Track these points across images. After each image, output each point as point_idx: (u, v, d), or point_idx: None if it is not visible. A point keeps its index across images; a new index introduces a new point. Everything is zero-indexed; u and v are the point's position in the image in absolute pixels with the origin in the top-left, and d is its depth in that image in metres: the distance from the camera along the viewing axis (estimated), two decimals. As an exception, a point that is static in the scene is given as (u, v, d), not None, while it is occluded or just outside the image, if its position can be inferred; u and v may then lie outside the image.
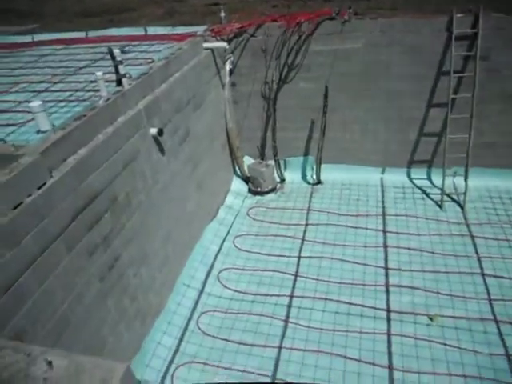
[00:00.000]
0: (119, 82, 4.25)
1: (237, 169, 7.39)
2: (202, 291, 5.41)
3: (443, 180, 6.37)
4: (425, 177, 6.96)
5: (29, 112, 3.95)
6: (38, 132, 3.71)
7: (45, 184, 3.11)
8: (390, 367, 4.27)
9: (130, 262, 4.26)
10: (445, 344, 4.41)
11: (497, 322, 4.61)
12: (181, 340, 4.79)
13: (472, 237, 5.83)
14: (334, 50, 6.32)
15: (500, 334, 4.46)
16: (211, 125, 6.30)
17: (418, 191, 6.82)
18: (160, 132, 4.53)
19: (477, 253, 5.56)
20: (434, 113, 6.44)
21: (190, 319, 5.04)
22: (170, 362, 4.55)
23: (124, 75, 4.27)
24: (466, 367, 4.18)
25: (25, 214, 2.90)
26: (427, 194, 6.71)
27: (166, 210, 5.00)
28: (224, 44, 6.26)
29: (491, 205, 6.36)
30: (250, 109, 7.08)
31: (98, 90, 4.28)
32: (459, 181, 6.51)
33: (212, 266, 5.78)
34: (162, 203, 4.89)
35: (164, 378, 4.39)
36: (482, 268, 5.32)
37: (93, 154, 3.60)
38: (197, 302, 5.23)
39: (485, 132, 6.20)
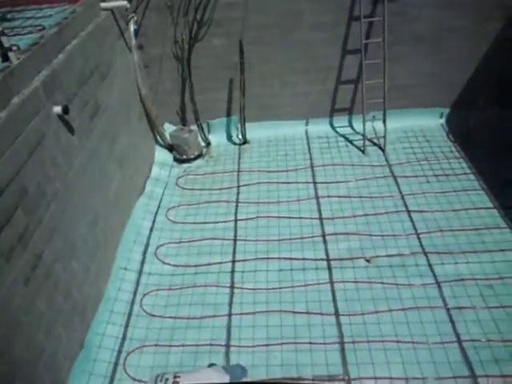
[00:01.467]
0: (5, 57, 3.64)
1: (158, 138, 6.99)
2: (141, 272, 5.17)
3: (363, 126, 6.56)
4: (346, 124, 7.13)
5: None
6: None
7: None
8: (337, 314, 4.47)
9: (55, 256, 3.88)
10: (383, 283, 4.69)
11: (425, 253, 4.97)
12: (127, 326, 4.58)
13: (394, 177, 6.14)
14: (244, 2, 6.00)
15: (429, 265, 4.83)
16: (123, 94, 5.79)
17: (342, 139, 6.98)
18: (65, 109, 4.03)
19: (400, 192, 5.88)
20: (349, 60, 6.48)
21: (133, 303, 4.82)
22: (119, 351, 4.36)
23: (10, 48, 3.65)
24: (403, 301, 4.48)
25: None
26: (350, 141, 6.90)
27: (88, 194, 4.59)
28: (124, 2, 5.63)
29: (408, 144, 6.71)
30: (163, 72, 6.62)
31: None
32: (378, 125, 6.75)
33: (147, 244, 5.53)
34: (82, 187, 4.47)
35: (115, 368, 4.21)
36: (406, 205, 5.66)
37: (-12, 146, 3.11)
38: (137, 284, 5.01)
39: (397, 75, 6.39)
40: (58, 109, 3.97)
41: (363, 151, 6.63)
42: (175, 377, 3.01)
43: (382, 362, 4.04)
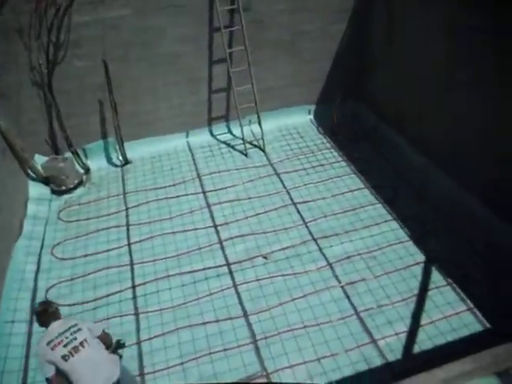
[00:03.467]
0: None
1: (30, 172, 6.40)
2: (32, 321, 4.68)
3: (242, 130, 6.84)
4: (226, 131, 7.35)
5: None
6: None
7: None
8: (245, 314, 4.59)
9: None
10: (282, 275, 4.94)
11: (315, 239, 5.37)
12: (22, 388, 4.12)
13: (277, 174, 6.51)
14: (101, 20, 5.80)
15: (320, 249, 5.23)
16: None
17: (224, 146, 7.17)
18: None
19: (285, 187, 6.27)
20: (217, 69, 6.69)
21: (26, 362, 4.29)
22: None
23: None
24: (303, 288, 4.79)
25: None
26: (232, 147, 7.12)
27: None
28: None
29: (285, 142, 7.17)
30: (24, 101, 6.07)
31: None
32: (255, 128, 7.09)
33: (35, 289, 5.04)
34: None
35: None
36: (292, 199, 6.04)
37: None
38: (30, 336, 4.54)
39: (264, 79, 6.77)
40: None
41: (246, 154, 6.90)
42: (83, 342, 3.22)
43: (295, 349, 4.26)
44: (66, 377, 3.21)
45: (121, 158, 6.81)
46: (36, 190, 6.39)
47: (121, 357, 3.56)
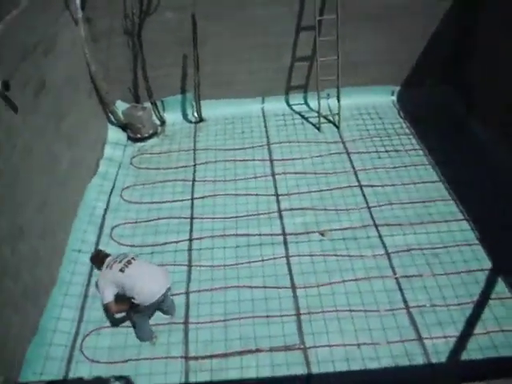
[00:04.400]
0: None
1: (110, 116, 6.75)
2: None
3: (318, 103, 6.65)
4: (302, 102, 7.19)
5: None
6: None
7: None
8: (293, 286, 4.60)
9: (1, 239, 3.73)
10: (336, 255, 4.86)
11: (376, 226, 5.18)
12: (83, 309, 4.51)
13: (348, 153, 6.30)
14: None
15: (380, 237, 5.04)
16: (70, 70, 5.52)
17: (298, 117, 7.04)
18: (5, 85, 3.80)
19: (353, 167, 6.06)
20: (304, 37, 6.49)
21: (88, 285, 4.73)
22: (76, 334, 4.29)
23: None
24: (356, 272, 4.68)
25: None
26: (306, 119, 6.98)
27: (35, 176, 4.40)
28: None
29: (362, 121, 6.88)
30: (114, 47, 6.35)
31: None
32: (333, 102, 6.85)
33: (102, 225, 5.41)
34: (28, 168, 4.27)
35: (72, 351, 4.15)
36: (358, 180, 5.84)
37: None
38: (92, 267, 4.89)
39: (351, 52, 6.46)
40: (-3, 84, 3.74)
41: (318, 128, 6.74)
42: (132, 258, 3.88)
43: (336, 330, 4.23)
44: (122, 301, 3.81)
45: (196, 114, 6.94)
46: (114, 134, 6.75)
47: None
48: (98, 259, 4.12)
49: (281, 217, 5.38)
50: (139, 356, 4.11)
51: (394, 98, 7.24)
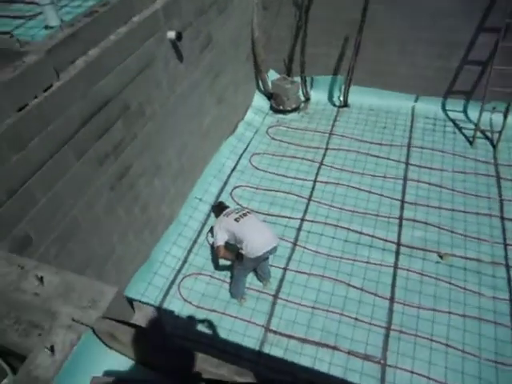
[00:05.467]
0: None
1: (260, 83, 6.99)
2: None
3: (480, 115, 5.90)
4: (460, 109, 6.48)
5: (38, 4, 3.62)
6: (46, 27, 3.43)
7: (51, 86, 2.93)
8: (392, 299, 4.34)
9: (141, 172, 4.22)
10: (450, 283, 4.41)
11: (507, 267, 4.54)
12: (189, 252, 4.91)
13: (498, 178, 5.55)
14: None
15: (508, 280, 4.41)
16: (236, 32, 5.82)
17: (451, 124, 6.40)
18: (179, 36, 4.17)
19: (500, 195, 5.33)
20: (484, 38, 5.76)
21: (200, 232, 5.13)
22: (178, 271, 4.72)
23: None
24: (467, 308, 4.21)
25: (30, 116, 2.77)
26: (459, 129, 6.30)
27: (183, 122, 4.82)
28: None
29: (527, 146, 5.96)
30: (280, 17, 6.48)
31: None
32: (497, 117, 6.03)
33: (226, 183, 5.74)
34: (178, 114, 4.70)
35: (171, 286, 4.58)
36: (502, 211, 5.13)
37: (104, 56, 3.35)
38: (208, 217, 5.28)
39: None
40: (172, 34, 4.12)
41: (471, 142, 6.04)
42: (248, 212, 4.16)
43: (424, 360, 3.91)
44: (231, 248, 4.07)
45: (341, 98, 6.78)
46: (258, 101, 7.00)
47: None
48: (219, 208, 4.47)
49: (400, 225, 5.05)
50: (225, 311, 4.36)
51: None
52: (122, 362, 1.44)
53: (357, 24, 5.92)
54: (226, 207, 4.45)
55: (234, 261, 4.06)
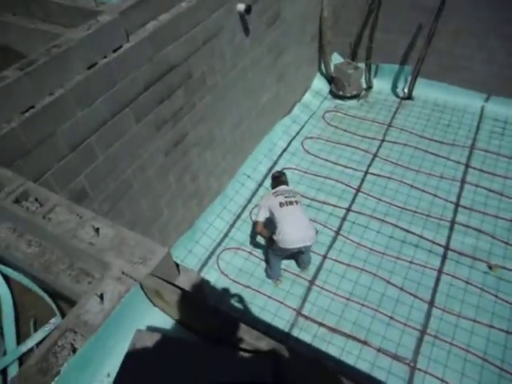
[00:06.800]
0: None
1: (322, 66, 6.81)
2: (260, 184, 5.44)
3: (557, 123, 5.48)
4: (536, 115, 6.03)
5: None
6: (122, -11, 3.49)
7: (121, 47, 3.00)
8: (431, 303, 4.19)
9: (196, 142, 4.27)
10: (496, 296, 4.19)
11: None
12: (232, 226, 4.97)
13: None
14: None
15: (562, 302, 4.13)
16: (304, 10, 5.66)
17: (522, 130, 5.97)
18: (248, 9, 4.12)
19: None
20: None
21: (244, 208, 5.17)
22: (219, 244, 4.80)
23: None
24: (511, 324, 3.99)
25: (98, 75, 2.86)
26: (532, 136, 5.88)
27: (241, 97, 4.82)
28: None
29: None
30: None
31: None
32: None
33: (276, 163, 5.71)
34: (238, 89, 4.69)
35: (210, 256, 4.68)
36: None
37: (173, 23, 3.38)
38: (254, 194, 5.30)
39: None
40: (241, 6, 4.08)
41: (542, 152, 5.63)
42: (296, 202, 3.94)
43: (457, 370, 3.77)
44: (269, 227, 4.00)
45: (406, 90, 6.49)
46: (318, 84, 6.84)
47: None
48: (276, 181, 4.19)
49: (451, 229, 4.83)
50: (259, 289, 4.40)
51: None
52: (165, 320, 1.48)
53: (434, 12, 5.58)
54: (284, 182, 4.18)
55: (269, 242, 4.04)
